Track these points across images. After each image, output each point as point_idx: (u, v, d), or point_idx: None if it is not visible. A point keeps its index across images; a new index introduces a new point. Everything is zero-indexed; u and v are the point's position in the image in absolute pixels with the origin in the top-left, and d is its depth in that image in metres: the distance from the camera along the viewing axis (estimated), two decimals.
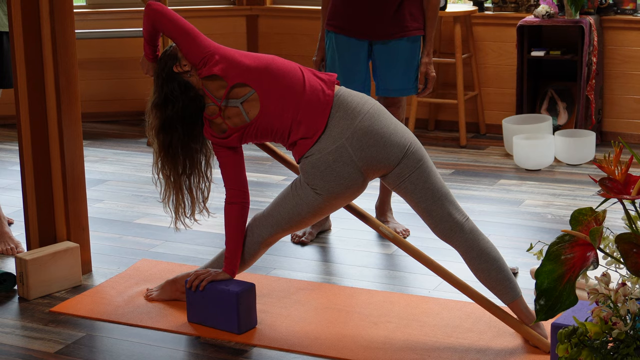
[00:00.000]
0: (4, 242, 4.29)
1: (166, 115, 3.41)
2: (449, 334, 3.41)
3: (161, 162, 3.48)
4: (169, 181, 3.49)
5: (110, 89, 6.90)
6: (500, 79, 6.42)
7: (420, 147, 3.37)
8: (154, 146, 3.49)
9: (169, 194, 3.51)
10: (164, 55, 3.47)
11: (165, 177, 3.49)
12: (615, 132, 6.14)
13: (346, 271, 4.07)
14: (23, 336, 3.47)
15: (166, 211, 3.55)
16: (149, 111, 3.48)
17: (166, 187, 3.51)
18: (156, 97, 3.45)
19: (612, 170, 2.44)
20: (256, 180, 5.36)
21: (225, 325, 3.44)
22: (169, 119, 3.41)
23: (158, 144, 3.46)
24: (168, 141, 3.43)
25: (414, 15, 4.28)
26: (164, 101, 3.42)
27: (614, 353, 2.39)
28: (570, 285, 2.45)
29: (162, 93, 3.43)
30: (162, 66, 3.45)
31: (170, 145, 3.43)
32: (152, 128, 3.47)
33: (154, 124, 3.46)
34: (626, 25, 6.05)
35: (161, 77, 3.44)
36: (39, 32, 3.83)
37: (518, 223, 4.63)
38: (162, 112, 3.42)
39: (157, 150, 3.48)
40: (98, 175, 5.57)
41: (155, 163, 3.49)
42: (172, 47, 3.46)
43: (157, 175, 3.50)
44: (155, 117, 3.45)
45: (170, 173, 3.48)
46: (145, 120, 3.51)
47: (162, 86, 3.43)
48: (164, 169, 3.48)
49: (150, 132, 3.49)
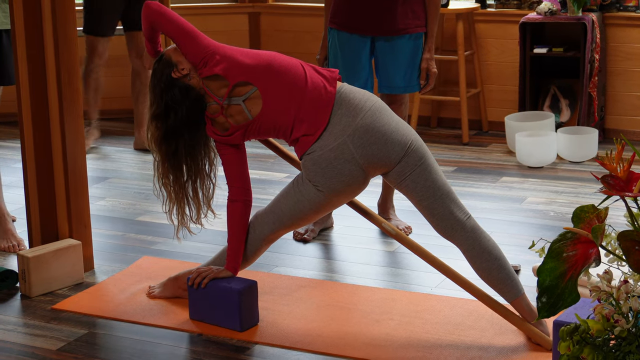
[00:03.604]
0: (6, 239, 4.29)
1: (168, 125, 3.36)
2: (451, 331, 3.41)
3: (164, 172, 3.42)
4: (173, 191, 3.43)
5: (111, 86, 6.89)
6: (503, 76, 6.42)
7: (422, 144, 3.37)
8: (156, 157, 3.44)
9: (173, 204, 3.47)
10: (158, 65, 3.40)
11: (168, 188, 3.44)
12: (617, 129, 6.13)
13: (348, 268, 4.07)
14: (25, 333, 3.47)
15: (170, 221, 3.52)
16: (148, 123, 3.42)
17: (169, 198, 3.46)
18: (155, 108, 3.39)
19: (614, 167, 2.44)
20: (258, 178, 5.36)
21: (227, 323, 3.44)
22: (172, 128, 3.36)
23: (161, 154, 3.41)
24: (172, 149, 3.38)
25: (416, 13, 4.28)
26: (165, 110, 3.36)
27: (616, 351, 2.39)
28: (572, 283, 2.45)
29: (161, 103, 3.36)
30: (158, 76, 3.39)
31: (175, 153, 3.38)
32: (153, 139, 3.41)
33: (156, 135, 3.40)
34: (629, 23, 6.04)
35: (159, 87, 3.38)
36: (41, 29, 3.83)
37: (520, 220, 4.63)
38: (163, 122, 3.37)
39: (160, 161, 3.43)
40: (100, 173, 5.57)
41: (159, 174, 3.44)
42: (164, 55, 3.40)
43: (160, 187, 3.46)
44: (157, 128, 3.39)
45: (174, 182, 3.42)
46: (145, 132, 3.45)
47: (162, 96, 3.37)
48: (168, 179, 3.43)
49: (151, 143, 3.43)
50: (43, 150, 3.91)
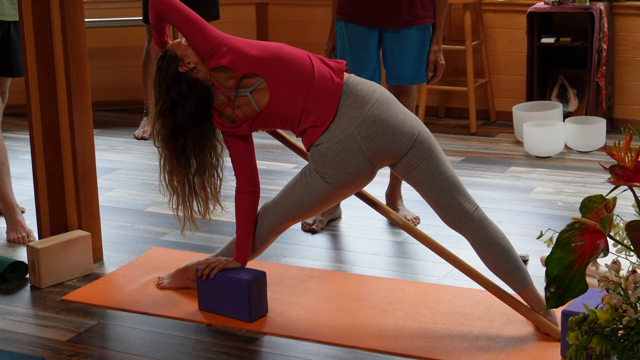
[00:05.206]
0: (16, 230, 4.31)
1: (176, 120, 3.35)
2: (459, 321, 3.42)
3: (172, 168, 3.41)
4: (180, 187, 3.43)
5: (119, 77, 6.91)
6: (510, 66, 6.41)
7: (429, 135, 3.37)
8: (163, 154, 3.43)
9: (180, 201, 3.47)
10: (163, 61, 3.39)
11: (175, 184, 3.43)
12: (625, 118, 6.12)
13: (356, 259, 4.08)
14: (35, 324, 3.49)
15: (178, 218, 3.52)
16: (154, 120, 3.40)
17: (177, 194, 3.45)
18: (161, 105, 3.37)
19: (622, 157, 2.44)
20: (266, 169, 5.37)
21: (236, 313, 3.46)
22: (179, 123, 3.35)
23: (169, 150, 3.40)
24: (180, 145, 3.38)
25: (425, 4, 4.27)
26: (172, 106, 3.35)
27: (624, 340, 2.40)
28: (580, 273, 2.46)
29: (168, 99, 3.35)
30: (164, 72, 3.37)
31: (183, 148, 3.38)
32: (160, 136, 3.40)
33: (163, 132, 3.38)
34: (636, 12, 6.02)
35: (165, 83, 3.36)
36: (49, 21, 3.83)
37: (528, 210, 4.63)
38: (170, 119, 3.36)
39: (168, 158, 3.41)
40: (108, 164, 5.58)
41: (167, 171, 3.43)
42: (168, 51, 3.40)
43: (167, 184, 3.45)
44: (163, 125, 3.37)
45: (182, 178, 3.42)
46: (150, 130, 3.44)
47: (168, 92, 3.36)
48: (175, 175, 3.42)
49: (157, 141, 3.42)
50: (52, 141, 3.93)
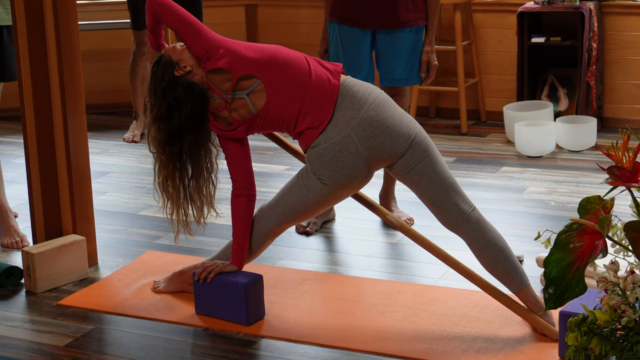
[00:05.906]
0: (9, 235, 4.29)
1: (172, 125, 3.34)
2: (456, 322, 3.43)
3: (167, 174, 3.40)
4: (175, 193, 3.42)
5: (110, 80, 6.90)
6: (501, 65, 6.42)
7: (425, 137, 3.38)
8: (158, 160, 3.41)
9: (175, 207, 3.45)
10: (158, 67, 3.38)
11: (170, 190, 3.42)
12: (615, 117, 6.15)
13: (352, 261, 4.08)
14: (32, 330, 3.48)
15: (172, 225, 3.51)
16: (149, 126, 3.39)
17: (171, 201, 3.44)
18: (157, 110, 3.36)
19: (619, 158, 2.46)
20: (259, 171, 5.37)
21: (233, 317, 3.46)
22: (176, 128, 3.34)
23: (164, 156, 3.38)
24: (176, 150, 3.37)
25: (417, 5, 4.28)
26: (168, 111, 3.34)
27: (623, 341, 2.41)
28: (579, 274, 2.47)
29: (164, 103, 3.34)
30: (159, 77, 3.36)
31: (179, 153, 3.37)
32: (155, 142, 3.38)
33: (158, 138, 3.37)
34: (626, 11, 6.05)
35: (161, 88, 3.35)
36: (43, 25, 3.83)
37: (521, 210, 4.64)
38: (167, 124, 3.34)
39: (163, 163, 3.40)
40: (100, 167, 5.57)
41: (162, 177, 3.42)
42: (163, 56, 3.40)
43: (162, 191, 3.43)
44: (159, 131, 3.36)
45: (177, 184, 3.41)
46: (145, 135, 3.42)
47: (164, 96, 3.34)
48: (170, 181, 3.40)
49: (153, 146, 3.40)
50: (46, 146, 3.92)
